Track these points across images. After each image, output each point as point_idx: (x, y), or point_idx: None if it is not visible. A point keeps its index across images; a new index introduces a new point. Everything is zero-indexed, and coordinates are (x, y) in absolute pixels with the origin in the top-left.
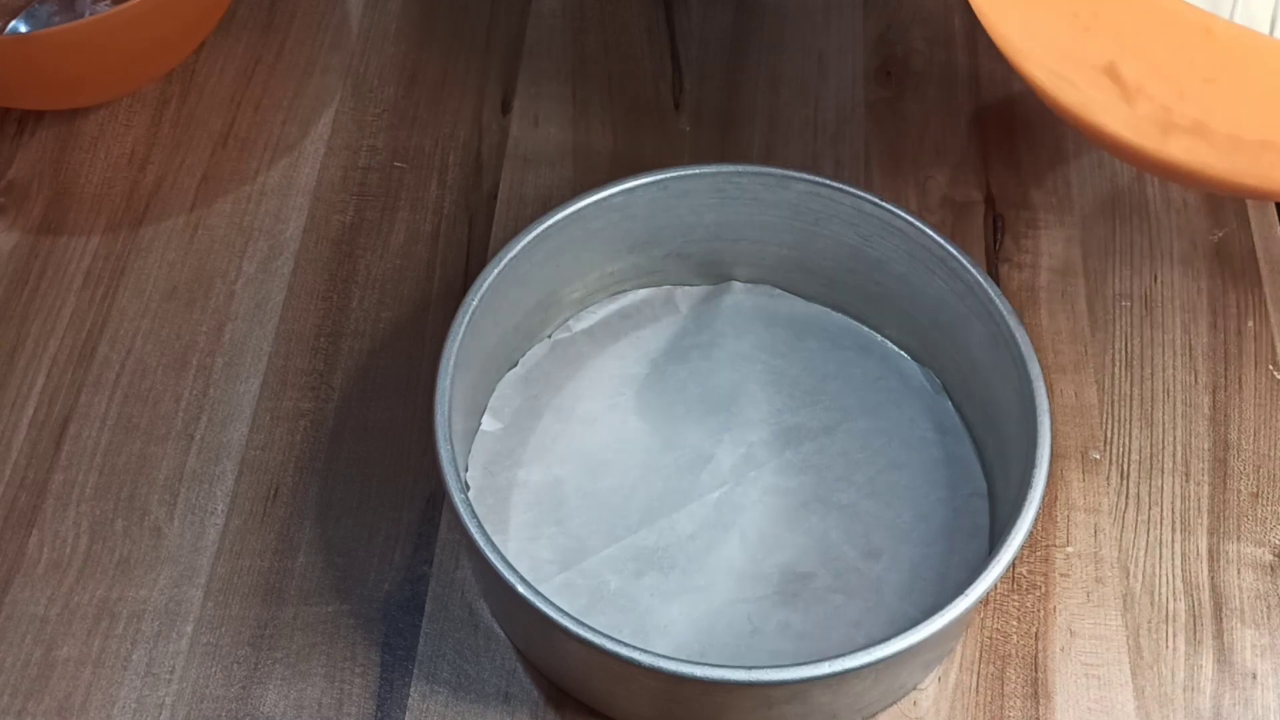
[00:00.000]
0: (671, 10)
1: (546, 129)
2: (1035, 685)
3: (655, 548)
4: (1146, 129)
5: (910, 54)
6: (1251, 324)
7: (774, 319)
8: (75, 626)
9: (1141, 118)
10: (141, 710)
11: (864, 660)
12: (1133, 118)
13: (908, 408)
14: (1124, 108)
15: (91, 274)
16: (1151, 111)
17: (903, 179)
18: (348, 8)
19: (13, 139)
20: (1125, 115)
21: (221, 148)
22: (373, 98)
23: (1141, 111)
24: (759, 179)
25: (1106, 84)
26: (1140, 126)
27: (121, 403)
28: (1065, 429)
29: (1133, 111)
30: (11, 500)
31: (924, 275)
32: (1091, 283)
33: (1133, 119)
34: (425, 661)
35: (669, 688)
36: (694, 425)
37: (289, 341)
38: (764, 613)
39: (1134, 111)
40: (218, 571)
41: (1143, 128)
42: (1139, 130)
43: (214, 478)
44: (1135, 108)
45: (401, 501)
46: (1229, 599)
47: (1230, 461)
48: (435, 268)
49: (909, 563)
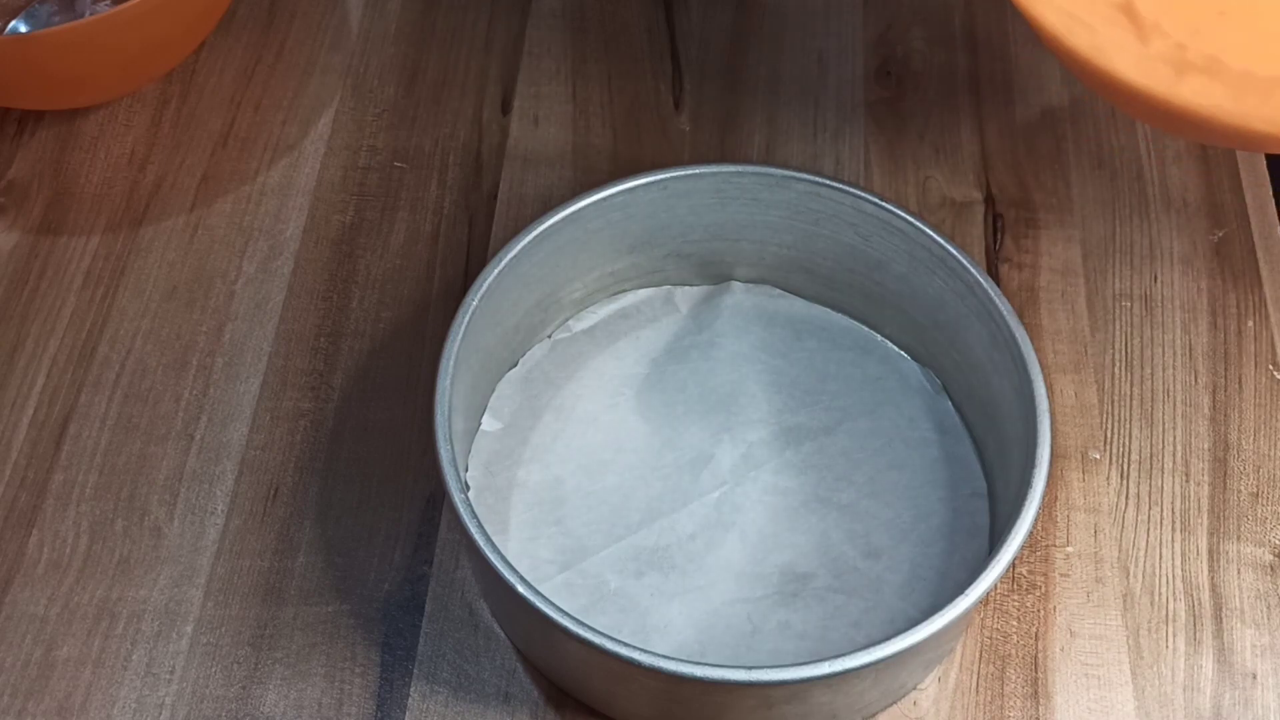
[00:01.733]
0: (671, 10)
1: (546, 129)
2: (1035, 685)
3: (655, 548)
4: (1160, 70)
5: (910, 54)
6: (1251, 324)
7: (774, 319)
8: (75, 626)
9: (1155, 57)
10: (141, 710)
11: (864, 660)
12: (1146, 58)
13: (908, 408)
14: (1138, 47)
15: (91, 274)
16: (1165, 49)
17: (903, 179)
18: (348, 8)
19: (13, 139)
20: (1138, 56)
21: (221, 148)
22: (373, 98)
23: (1155, 50)
24: (759, 179)
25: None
26: (1153, 68)
27: (121, 403)
28: (1065, 429)
29: (1146, 51)
30: (11, 500)
31: (924, 275)
32: (1091, 283)
33: (1146, 60)
34: (425, 661)
35: (669, 688)
36: (694, 425)
37: (289, 341)
38: (764, 613)
39: (1148, 51)
40: (218, 571)
41: (1156, 69)
42: (1152, 72)
43: (214, 478)
44: (1149, 46)
45: (401, 501)
46: (1229, 599)
47: (1230, 461)
48: (435, 268)
49: (909, 563)
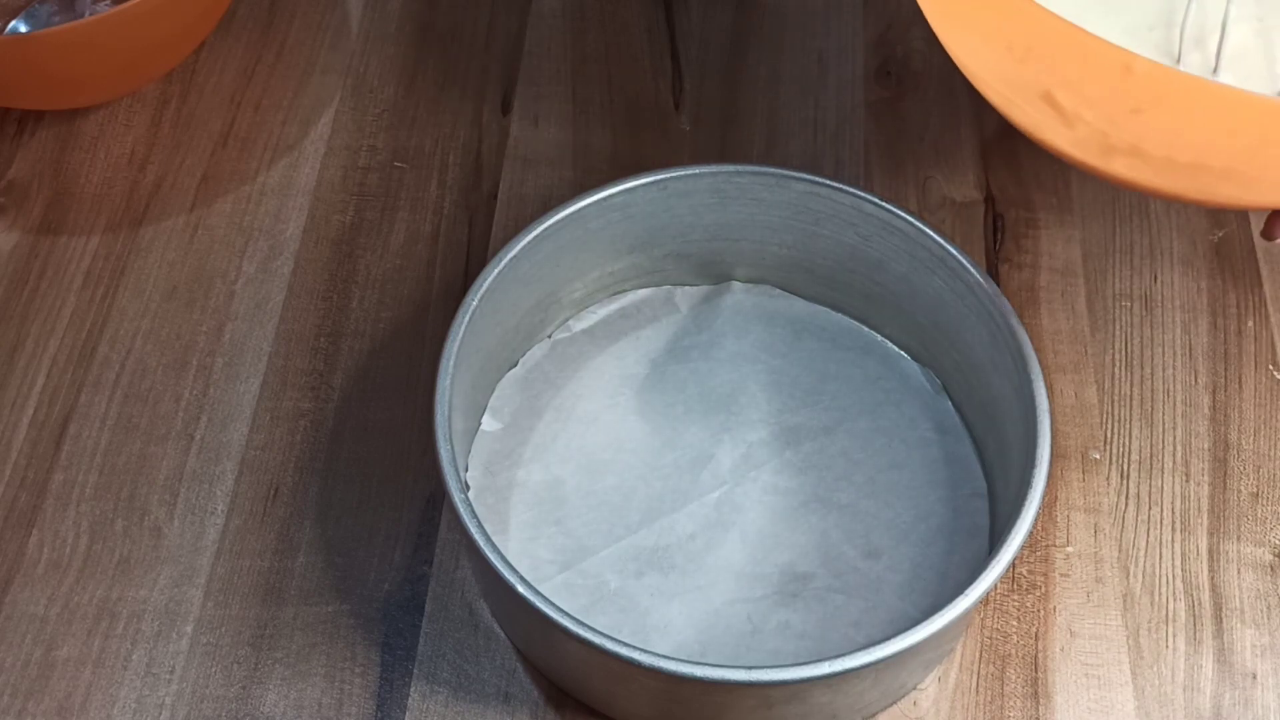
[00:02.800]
0: (671, 10)
1: (546, 129)
2: (1035, 685)
3: (655, 548)
4: (1089, 148)
5: (910, 54)
6: (1251, 324)
7: (774, 319)
8: (75, 626)
9: (1082, 139)
10: (141, 710)
11: (864, 660)
12: (1075, 139)
13: (908, 408)
14: (1066, 130)
15: (91, 274)
16: (1090, 135)
17: (903, 179)
18: (348, 8)
19: (13, 139)
20: (1068, 137)
21: (221, 148)
22: (373, 98)
23: (1081, 134)
24: (759, 179)
25: (1047, 109)
26: (1083, 146)
27: (121, 403)
28: (1065, 429)
29: (1074, 134)
30: (11, 500)
31: (924, 275)
32: (1091, 283)
33: (1075, 140)
34: (425, 661)
35: (669, 688)
36: (694, 425)
37: (289, 341)
38: (764, 613)
39: (1074, 134)
40: (218, 571)
41: (1086, 147)
42: (1083, 149)
43: (214, 478)
44: (1075, 131)
45: (401, 501)
46: (1229, 599)
47: (1230, 461)
48: (435, 268)
49: (909, 563)
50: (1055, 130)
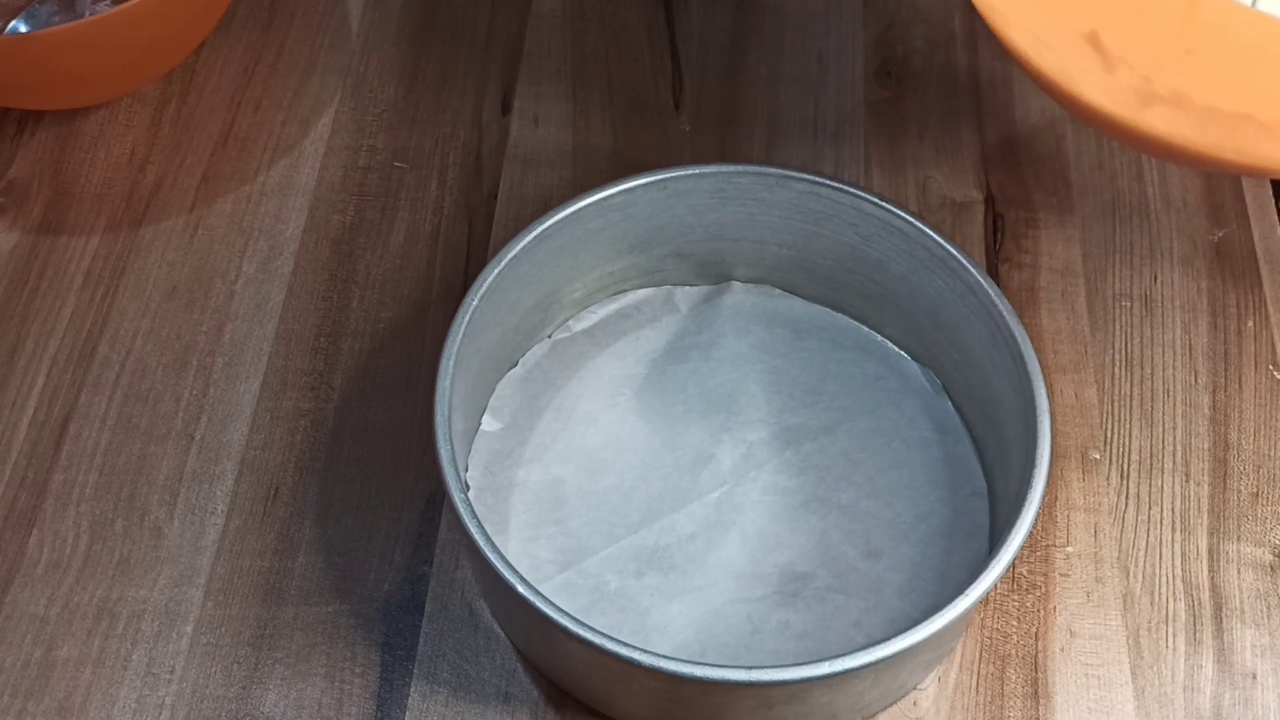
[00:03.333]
0: (671, 10)
1: (546, 129)
2: (1035, 685)
3: (655, 548)
4: (1125, 98)
5: (910, 54)
6: (1251, 324)
7: (774, 319)
8: (75, 626)
9: (1121, 87)
10: (141, 710)
11: (864, 660)
12: (1112, 87)
13: (908, 408)
14: (1104, 76)
15: (91, 274)
16: (1131, 81)
17: (903, 179)
18: (348, 8)
19: (13, 139)
20: (1105, 84)
21: (221, 148)
22: (373, 98)
23: (1121, 80)
24: (759, 179)
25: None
26: (1119, 96)
27: (121, 403)
28: (1065, 429)
29: (1112, 80)
30: (11, 500)
31: (924, 275)
32: (1091, 283)
33: (1112, 88)
34: (425, 661)
35: (669, 688)
36: (694, 425)
37: (289, 341)
38: (764, 613)
39: (1114, 80)
40: (218, 571)
41: (1122, 97)
42: (1118, 100)
43: (214, 478)
44: (1115, 76)
45: (401, 501)
46: (1229, 599)
47: (1230, 461)
48: (435, 268)
49: (909, 563)
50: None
